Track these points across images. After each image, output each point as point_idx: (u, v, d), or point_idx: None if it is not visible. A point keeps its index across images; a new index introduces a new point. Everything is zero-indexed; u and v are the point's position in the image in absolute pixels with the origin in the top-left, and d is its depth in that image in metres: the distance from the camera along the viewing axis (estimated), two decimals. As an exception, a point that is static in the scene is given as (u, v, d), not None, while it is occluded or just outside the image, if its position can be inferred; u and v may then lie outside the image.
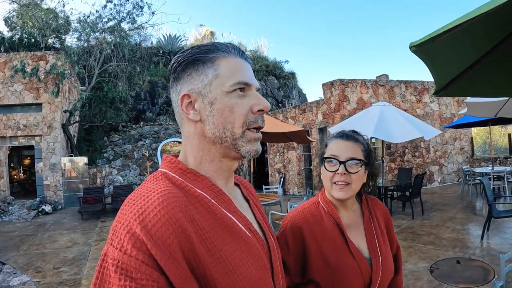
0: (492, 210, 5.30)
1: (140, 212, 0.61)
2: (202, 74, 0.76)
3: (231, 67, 0.76)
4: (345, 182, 1.19)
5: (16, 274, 5.11)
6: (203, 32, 24.65)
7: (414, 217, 7.21)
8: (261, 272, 0.72)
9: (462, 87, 2.13)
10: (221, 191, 0.76)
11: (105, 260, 0.60)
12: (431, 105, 12.15)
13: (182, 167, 0.76)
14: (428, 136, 7.19)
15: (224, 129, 0.75)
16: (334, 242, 1.20)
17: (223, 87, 0.75)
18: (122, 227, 0.60)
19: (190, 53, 0.77)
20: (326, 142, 1.31)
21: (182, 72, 0.77)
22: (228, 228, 0.71)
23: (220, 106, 0.75)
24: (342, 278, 1.15)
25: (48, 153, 12.12)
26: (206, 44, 0.79)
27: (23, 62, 11.73)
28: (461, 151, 12.93)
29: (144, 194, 0.65)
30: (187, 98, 0.76)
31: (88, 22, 14.30)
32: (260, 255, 0.75)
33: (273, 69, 22.88)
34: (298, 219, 1.26)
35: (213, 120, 0.75)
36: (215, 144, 0.76)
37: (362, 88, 11.18)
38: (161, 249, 0.58)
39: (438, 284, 3.89)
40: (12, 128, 11.88)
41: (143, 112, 18.32)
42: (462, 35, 1.46)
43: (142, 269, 0.56)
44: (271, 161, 14.53)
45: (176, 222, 0.61)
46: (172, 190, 0.67)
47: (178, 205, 0.64)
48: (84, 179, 12.40)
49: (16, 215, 10.40)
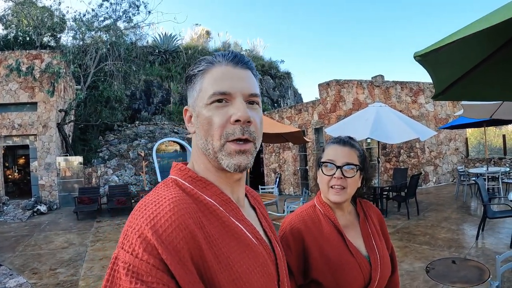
0: (487, 210, 5.36)
1: (152, 217, 0.62)
2: (193, 90, 0.79)
3: (213, 78, 0.75)
4: (341, 186, 1.24)
5: (13, 275, 5.08)
6: (199, 32, 24.60)
7: (410, 217, 7.26)
8: (267, 280, 0.73)
9: (459, 92, 2.20)
10: (230, 199, 0.77)
11: (116, 263, 0.61)
12: (427, 106, 12.23)
13: (192, 175, 0.77)
14: (424, 137, 7.24)
15: (206, 141, 0.75)
16: (333, 242, 1.24)
17: (203, 100, 0.75)
18: (133, 231, 0.61)
19: (191, 69, 0.81)
20: (323, 147, 1.36)
21: (187, 87, 0.82)
22: (235, 236, 0.72)
23: (201, 119, 0.75)
24: (343, 276, 1.18)
25: (43, 153, 12.05)
26: (202, 58, 0.80)
27: (18, 61, 11.65)
28: (456, 152, 13.03)
29: (156, 200, 0.66)
30: (186, 112, 0.82)
31: (84, 20, 14.21)
32: (267, 263, 0.76)
33: (269, 69, 22.91)
34: (297, 221, 1.30)
35: (199, 132, 0.77)
36: (204, 156, 0.78)
37: (358, 88, 11.23)
38: (171, 254, 0.59)
39: (434, 284, 3.93)
40: (7, 128, 11.80)
41: (139, 112, 18.25)
42: (462, 45, 1.54)
43: (153, 272, 0.57)
44: (266, 161, 14.56)
45: (186, 228, 0.62)
46: (183, 197, 0.68)
47: (188, 211, 0.65)
48: (79, 179, 12.35)
49: (11, 215, 10.33)
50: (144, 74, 18.03)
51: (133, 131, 16.34)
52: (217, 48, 23.10)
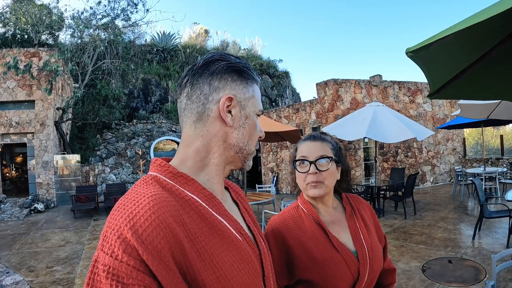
0: (484, 210, 5.38)
1: (131, 217, 0.60)
2: (245, 88, 0.82)
3: (259, 94, 0.87)
4: (317, 180, 1.24)
5: (9, 273, 5.07)
6: (198, 30, 24.55)
7: (407, 217, 7.28)
8: (252, 276, 0.73)
9: (454, 91, 2.20)
10: (211, 194, 0.77)
11: (95, 266, 0.59)
12: (424, 106, 12.25)
13: (173, 171, 0.75)
14: (421, 137, 7.26)
15: (247, 142, 0.82)
16: (316, 240, 1.23)
17: (255, 108, 0.84)
18: (112, 232, 0.60)
19: (239, 62, 0.82)
20: (296, 146, 1.37)
21: (226, 73, 0.79)
22: (219, 232, 0.72)
23: (251, 122, 0.82)
24: (329, 272, 1.17)
25: (41, 151, 12.02)
26: (249, 64, 0.86)
27: (16, 59, 11.60)
28: (454, 152, 13.06)
29: (135, 199, 0.64)
30: (229, 100, 0.78)
31: (82, 18, 14.17)
32: (251, 259, 0.75)
33: (267, 68, 22.88)
34: (278, 222, 1.31)
35: (243, 131, 0.81)
36: (231, 150, 0.81)
37: (355, 88, 11.23)
38: (152, 255, 0.58)
39: (430, 283, 3.94)
40: (5, 125, 11.76)
41: (136, 110, 18.21)
42: (454, 42, 1.54)
43: (134, 274, 0.56)
44: (264, 160, 14.55)
45: (167, 226, 0.61)
46: (162, 194, 0.67)
47: (169, 209, 0.64)
48: (77, 177, 12.33)
49: (8, 213, 10.31)
50: (142, 73, 17.99)
51: (131, 130, 16.31)
52: (215, 47, 23.07)
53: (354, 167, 10.79)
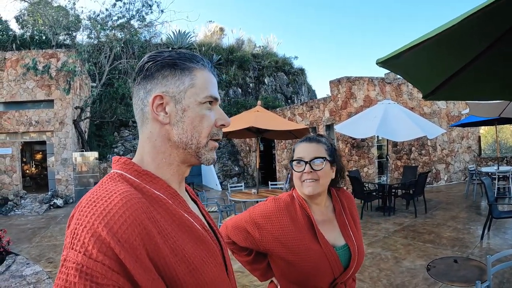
0: (493, 210, 5.33)
1: (104, 214, 0.59)
2: (179, 80, 0.78)
3: (205, 80, 0.81)
4: (312, 179, 1.34)
5: (29, 264, 5.32)
6: (213, 29, 24.66)
7: (417, 215, 7.26)
8: (218, 269, 0.76)
9: (449, 92, 2.25)
10: (176, 192, 0.78)
11: (65, 266, 0.57)
12: (438, 103, 12.07)
13: (138, 169, 0.75)
14: (432, 135, 7.21)
15: (192, 136, 0.78)
16: (303, 231, 1.34)
17: (197, 97, 0.78)
18: (84, 230, 0.58)
19: (170, 56, 0.79)
20: (294, 147, 1.48)
21: (156, 72, 0.78)
22: (187, 228, 0.73)
23: (191, 114, 0.78)
24: (309, 263, 1.28)
25: (60, 148, 12.41)
26: (186, 53, 0.82)
27: (34, 60, 11.96)
28: (469, 150, 12.85)
29: (105, 196, 0.63)
30: (159, 99, 0.77)
31: (98, 20, 14.48)
32: (216, 253, 0.78)
33: (282, 65, 22.78)
34: (272, 207, 1.44)
35: (182, 126, 0.77)
36: (178, 148, 0.79)
37: (369, 85, 11.17)
38: (128, 253, 0.57)
39: (433, 282, 3.97)
40: (25, 124, 12.17)
41: (153, 108, 18.45)
42: (438, 47, 1.58)
43: (109, 275, 0.55)
44: (278, 157, 14.61)
45: (141, 223, 0.61)
46: (133, 192, 0.67)
47: (141, 206, 0.64)
48: (95, 174, 12.65)
49: (28, 208, 10.71)
50: (159, 71, 18.18)
51: (147, 127, 16.56)
52: (230, 45, 23.13)
53: (367, 164, 10.76)
